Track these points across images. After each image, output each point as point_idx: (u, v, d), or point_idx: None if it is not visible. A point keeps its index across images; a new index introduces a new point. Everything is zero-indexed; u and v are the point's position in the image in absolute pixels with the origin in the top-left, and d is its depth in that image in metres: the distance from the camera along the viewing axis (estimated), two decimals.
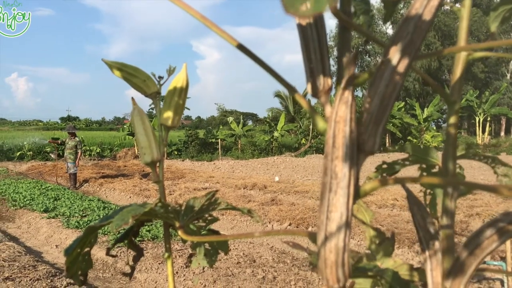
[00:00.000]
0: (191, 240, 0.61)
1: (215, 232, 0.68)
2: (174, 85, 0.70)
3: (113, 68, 0.70)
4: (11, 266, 4.73)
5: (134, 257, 0.68)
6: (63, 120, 75.02)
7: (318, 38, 0.38)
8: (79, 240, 0.57)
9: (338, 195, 0.35)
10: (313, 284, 4.59)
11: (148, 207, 0.54)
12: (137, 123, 0.69)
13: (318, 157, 21.31)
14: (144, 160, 0.69)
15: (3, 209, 8.79)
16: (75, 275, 0.60)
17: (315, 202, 8.57)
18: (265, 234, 0.47)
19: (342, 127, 0.35)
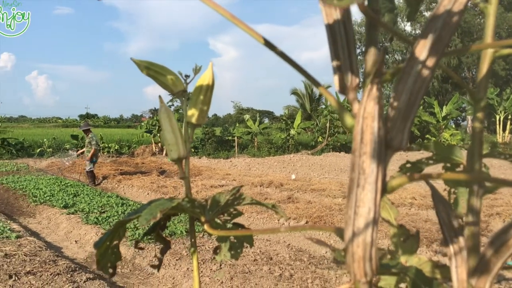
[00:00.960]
0: (217, 234, 0.62)
1: (240, 226, 0.69)
2: (200, 83, 0.71)
3: (141, 67, 0.71)
4: (32, 261, 4.83)
5: (162, 250, 0.70)
6: (81, 118, 75.96)
7: (346, 35, 0.39)
8: (109, 233, 0.59)
9: (366, 190, 0.36)
10: (330, 282, 4.58)
11: (175, 202, 0.55)
12: (164, 121, 0.71)
13: (335, 155, 21.21)
14: (170, 156, 0.70)
15: (24, 204, 8.96)
16: (105, 268, 0.62)
17: (332, 201, 8.54)
18: (291, 229, 0.48)
19: (370, 123, 0.36)
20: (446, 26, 0.36)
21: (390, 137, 0.38)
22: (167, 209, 0.54)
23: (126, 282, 4.73)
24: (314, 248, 6.03)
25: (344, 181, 11.73)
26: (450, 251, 0.56)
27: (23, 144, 21.72)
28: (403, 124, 0.38)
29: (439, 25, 0.36)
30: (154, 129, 23.14)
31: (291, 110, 38.19)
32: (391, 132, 0.38)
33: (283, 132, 26.07)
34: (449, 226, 0.55)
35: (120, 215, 7.13)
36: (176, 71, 0.75)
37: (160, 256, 0.73)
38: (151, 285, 4.65)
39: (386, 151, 0.37)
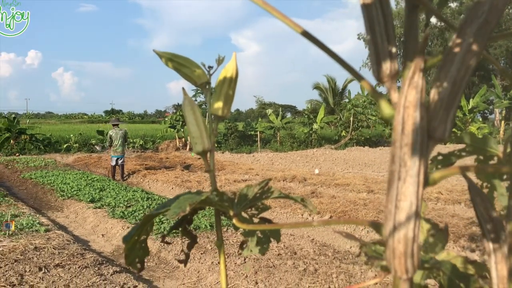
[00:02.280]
0: (246, 228, 0.61)
1: (267, 220, 0.68)
2: (224, 75, 0.70)
3: (164, 59, 0.70)
4: (61, 254, 4.93)
5: (188, 244, 0.69)
6: (107, 113, 77.17)
7: (384, 20, 0.37)
8: (137, 228, 0.58)
9: (408, 183, 0.34)
10: (355, 277, 4.54)
11: (204, 196, 0.54)
12: (188, 113, 0.70)
13: (359, 150, 21.02)
14: (195, 149, 0.69)
15: (52, 199, 9.16)
16: (133, 262, 0.61)
17: (356, 195, 8.47)
18: (324, 223, 0.46)
19: (411, 113, 0.34)
20: (493, 9, 0.34)
21: (432, 128, 0.35)
22: (196, 202, 0.53)
23: (152, 276, 4.79)
24: (339, 243, 5.99)
25: (368, 175, 11.61)
26: (489, 247, 0.53)
27: (50, 139, 22.18)
28: (446, 114, 0.35)
29: (486, 8, 0.34)
30: (178, 124, 23.33)
31: (313, 104, 37.96)
32: (433, 122, 0.35)
33: (306, 126, 25.95)
34: (488, 221, 0.53)
35: (146, 209, 7.22)
36: (199, 63, 0.74)
37: (187, 251, 0.72)
38: (176, 279, 4.69)
39: (428, 142, 0.35)
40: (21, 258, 4.75)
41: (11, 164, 15.14)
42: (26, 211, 7.17)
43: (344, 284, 4.37)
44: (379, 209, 7.21)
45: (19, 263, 4.60)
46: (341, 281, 4.43)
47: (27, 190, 10.45)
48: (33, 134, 21.55)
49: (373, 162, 15.57)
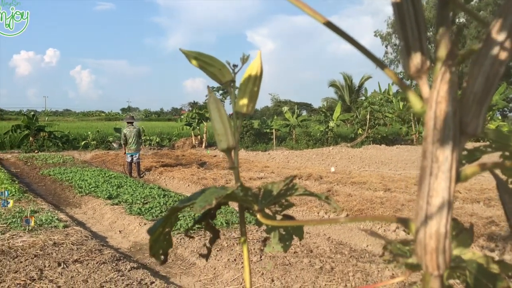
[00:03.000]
0: (271, 224, 0.61)
1: (290, 218, 0.68)
2: (249, 72, 0.70)
3: (190, 57, 0.71)
4: (79, 250, 5.00)
5: (211, 239, 0.70)
6: (124, 111, 77.95)
7: (415, 15, 0.37)
8: (162, 220, 0.59)
9: (440, 179, 0.34)
10: (372, 276, 4.51)
11: (230, 190, 0.55)
12: (213, 111, 0.70)
13: (375, 148, 20.87)
14: (220, 146, 0.70)
15: (70, 195, 9.29)
16: (156, 254, 0.62)
17: (373, 194, 8.41)
18: (352, 220, 0.46)
19: (444, 108, 0.34)
20: None
21: (464, 123, 0.35)
22: (222, 196, 0.54)
23: (169, 272, 4.83)
24: (355, 242, 5.96)
25: (385, 174, 11.52)
26: None
27: (68, 137, 22.50)
28: (478, 109, 0.35)
29: None
30: (194, 122, 23.45)
31: (329, 102, 37.81)
32: (465, 117, 0.35)
33: (322, 124, 25.86)
34: None
35: (162, 206, 7.28)
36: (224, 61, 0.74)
37: (209, 245, 0.73)
38: (192, 275, 4.72)
39: (460, 138, 0.35)
40: (40, 253, 4.82)
41: (30, 161, 15.39)
42: (45, 207, 7.29)
43: (360, 282, 4.34)
44: (396, 208, 7.16)
45: (38, 258, 4.67)
46: (358, 280, 4.41)
47: (46, 187, 10.62)
48: (52, 132, 21.87)
49: (390, 160, 15.44)
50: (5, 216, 6.22)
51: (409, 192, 8.61)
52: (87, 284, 4.07)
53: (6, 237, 5.28)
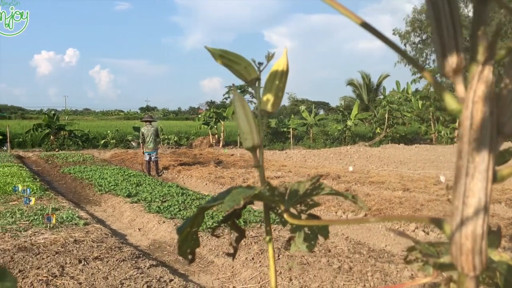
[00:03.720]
0: (297, 223, 0.61)
1: (315, 217, 0.68)
2: (275, 70, 0.70)
3: (215, 55, 0.71)
4: (99, 247, 5.06)
5: (237, 238, 0.70)
6: (142, 110, 78.68)
7: (451, 13, 0.36)
8: (190, 219, 0.60)
9: (476, 179, 0.33)
10: (391, 276, 4.47)
11: (257, 190, 0.55)
12: (239, 109, 0.70)
13: (394, 147, 20.67)
14: (245, 145, 0.70)
15: (90, 193, 9.42)
16: (185, 253, 0.62)
17: (392, 193, 8.33)
18: (382, 219, 0.46)
19: (481, 108, 0.33)
20: None
21: (501, 123, 0.35)
22: (250, 196, 0.54)
23: (187, 270, 4.86)
24: (373, 241, 5.92)
25: (404, 173, 11.41)
26: None
27: (88, 135, 22.80)
28: None
29: None
30: (211, 121, 23.55)
31: (347, 101, 37.59)
32: (502, 117, 0.35)
33: (340, 123, 25.72)
34: None
35: (180, 204, 7.33)
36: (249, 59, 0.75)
37: (235, 245, 0.73)
38: (211, 273, 4.74)
39: (497, 138, 0.35)
40: (61, 250, 4.90)
41: (51, 159, 15.65)
42: (66, 205, 7.40)
43: (379, 282, 4.31)
44: (415, 208, 7.08)
45: (60, 255, 4.75)
46: (377, 280, 4.38)
47: (67, 185, 10.78)
48: (72, 130, 22.20)
49: (409, 160, 15.28)
50: (27, 214, 6.33)
51: (429, 192, 8.51)
52: (107, 281, 4.12)
53: (28, 234, 5.38)
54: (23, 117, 53.34)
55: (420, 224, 6.17)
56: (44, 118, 21.99)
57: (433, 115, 24.59)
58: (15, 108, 79.65)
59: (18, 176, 9.89)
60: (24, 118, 49.83)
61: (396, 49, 0.40)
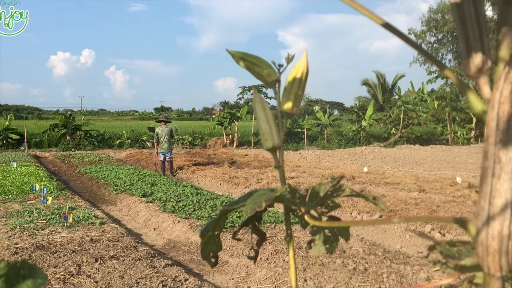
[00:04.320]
0: (319, 225, 0.62)
1: (336, 219, 0.68)
2: (295, 72, 0.70)
3: (236, 58, 0.72)
4: (115, 246, 5.11)
5: (258, 241, 0.70)
6: (157, 111, 79.20)
7: (476, 14, 0.36)
8: (213, 222, 0.60)
9: (502, 180, 0.34)
10: (407, 277, 4.44)
11: (279, 192, 0.55)
12: (259, 110, 0.71)
13: (409, 148, 20.49)
14: (265, 146, 0.71)
15: (106, 193, 9.51)
16: (207, 257, 0.63)
17: (407, 194, 8.27)
18: (405, 220, 0.46)
19: (507, 109, 0.33)
20: None
21: None
22: (272, 199, 0.54)
23: (202, 270, 4.88)
24: (389, 243, 5.88)
25: (419, 174, 11.31)
26: None
27: (103, 136, 23.03)
28: None
29: None
30: (225, 122, 23.61)
31: (362, 101, 37.38)
32: None
33: (354, 123, 25.59)
34: None
35: (195, 204, 7.36)
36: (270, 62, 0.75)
37: (256, 248, 0.74)
38: (225, 273, 4.76)
39: None
40: (78, 249, 4.96)
41: (67, 159, 15.84)
42: (82, 204, 7.48)
43: (395, 284, 4.28)
44: (431, 209, 7.01)
45: (76, 253, 4.81)
46: (392, 281, 4.35)
47: (83, 184, 10.91)
48: (88, 130, 22.44)
49: (424, 160, 15.13)
50: (45, 213, 6.42)
51: (445, 193, 8.42)
52: (123, 280, 4.17)
53: (46, 232, 5.45)
54: (40, 117, 54.08)
55: (437, 225, 6.11)
56: (60, 118, 22.27)
57: (449, 116, 24.32)
58: (32, 108, 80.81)
59: (35, 176, 10.03)
60: (41, 118, 50.53)
61: (418, 49, 0.40)
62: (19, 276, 0.40)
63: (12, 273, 0.40)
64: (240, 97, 25.13)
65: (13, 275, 0.40)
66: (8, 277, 0.40)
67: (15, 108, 71.16)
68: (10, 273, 0.40)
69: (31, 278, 0.41)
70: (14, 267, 0.41)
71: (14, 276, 0.40)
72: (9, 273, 0.40)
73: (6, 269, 0.40)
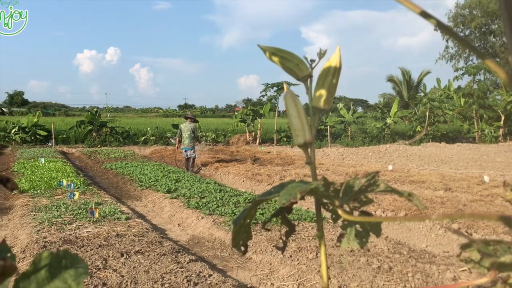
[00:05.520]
0: (353, 219, 0.61)
1: (368, 214, 0.67)
2: (328, 67, 0.70)
3: (268, 53, 0.72)
4: (140, 241, 5.18)
5: (287, 233, 0.71)
6: (180, 108, 79.91)
7: None
8: (246, 211, 0.61)
9: None
10: (432, 277, 4.37)
11: (313, 185, 0.55)
12: (290, 106, 0.71)
13: (435, 146, 20.16)
14: (297, 142, 0.70)
15: (131, 189, 9.64)
16: (238, 245, 0.64)
17: (433, 193, 8.14)
18: (445, 217, 0.45)
19: None
20: None
21: None
22: (306, 191, 0.54)
23: (226, 266, 4.91)
24: (414, 242, 5.80)
25: (445, 173, 11.11)
26: None
27: (129, 132, 23.34)
28: None
29: None
30: (248, 119, 23.64)
31: (386, 98, 36.93)
32: None
33: (379, 121, 25.30)
34: None
35: (219, 200, 7.40)
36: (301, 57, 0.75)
37: (284, 239, 0.74)
38: (249, 270, 4.77)
39: None
40: (104, 243, 5.04)
41: (94, 155, 16.12)
42: (108, 199, 7.61)
43: (420, 283, 4.22)
44: (457, 208, 6.89)
45: (103, 248, 4.89)
46: (418, 281, 4.29)
47: (109, 180, 11.08)
48: (113, 127, 22.78)
49: (451, 159, 14.87)
50: (72, 208, 6.55)
51: (472, 192, 8.26)
52: (149, 274, 4.22)
53: (73, 227, 5.57)
54: (67, 114, 55.22)
55: (463, 224, 6.00)
56: (87, 115, 22.67)
57: (477, 113, 23.81)
58: (59, 105, 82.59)
59: (63, 171, 10.24)
60: (68, 115, 51.59)
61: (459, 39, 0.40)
62: (62, 266, 0.42)
63: (55, 263, 0.41)
64: (263, 95, 25.11)
65: (56, 264, 0.41)
66: (51, 266, 0.41)
67: (42, 105, 72.90)
68: (53, 262, 0.41)
69: (73, 267, 0.42)
70: (56, 257, 0.42)
71: (57, 266, 0.41)
72: (52, 262, 0.41)
73: (49, 259, 0.41)
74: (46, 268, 0.41)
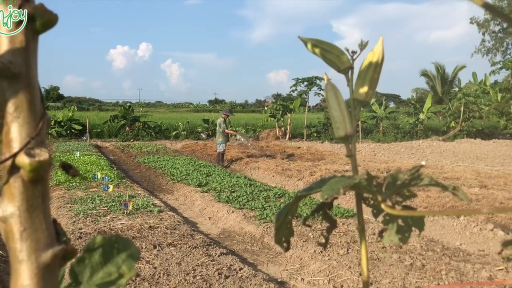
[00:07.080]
0: (399, 214, 0.61)
1: (410, 208, 0.66)
2: (370, 59, 0.69)
3: (309, 45, 0.72)
4: (172, 234, 5.26)
5: (328, 228, 0.70)
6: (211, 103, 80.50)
7: None
8: (287, 207, 0.60)
9: None
10: (467, 276, 4.28)
11: (357, 179, 0.55)
12: (331, 98, 0.70)
13: (469, 142, 19.65)
14: (337, 134, 0.70)
15: (163, 182, 9.79)
16: (280, 241, 0.64)
17: (468, 190, 7.93)
18: (496, 210, 0.44)
19: None
20: None
21: None
22: (349, 185, 0.54)
23: (256, 260, 4.93)
24: (447, 239, 5.68)
25: (480, 169, 10.82)
26: None
27: (160, 127, 23.67)
28: None
29: None
30: (278, 114, 23.59)
31: (420, 93, 36.20)
32: None
33: (411, 116, 24.82)
34: None
35: (249, 195, 7.43)
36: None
37: (326, 235, 0.73)
38: (279, 264, 4.78)
39: None
40: (137, 235, 5.15)
41: (127, 149, 16.43)
42: (141, 192, 7.75)
43: (454, 282, 4.14)
44: (493, 206, 6.70)
45: (136, 240, 4.99)
46: (451, 279, 4.21)
47: (141, 173, 11.28)
48: (146, 122, 23.15)
49: (486, 155, 14.46)
50: (106, 200, 6.70)
51: (508, 189, 8.02)
52: (181, 266, 4.28)
53: (107, 219, 5.70)
54: (101, 109, 56.42)
55: (499, 224, 5.84)
56: (120, 110, 23.10)
57: None
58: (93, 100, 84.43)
59: (97, 165, 10.47)
60: (101, 110, 52.72)
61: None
62: (114, 250, 0.43)
63: (108, 247, 0.42)
64: (293, 90, 24.97)
65: (109, 249, 0.42)
66: (104, 250, 0.42)
67: (77, 100, 74.71)
68: (106, 247, 0.42)
69: (125, 251, 0.43)
70: (109, 241, 0.43)
71: (109, 250, 0.42)
72: (105, 247, 0.42)
73: (102, 243, 0.43)
74: (100, 252, 0.42)
